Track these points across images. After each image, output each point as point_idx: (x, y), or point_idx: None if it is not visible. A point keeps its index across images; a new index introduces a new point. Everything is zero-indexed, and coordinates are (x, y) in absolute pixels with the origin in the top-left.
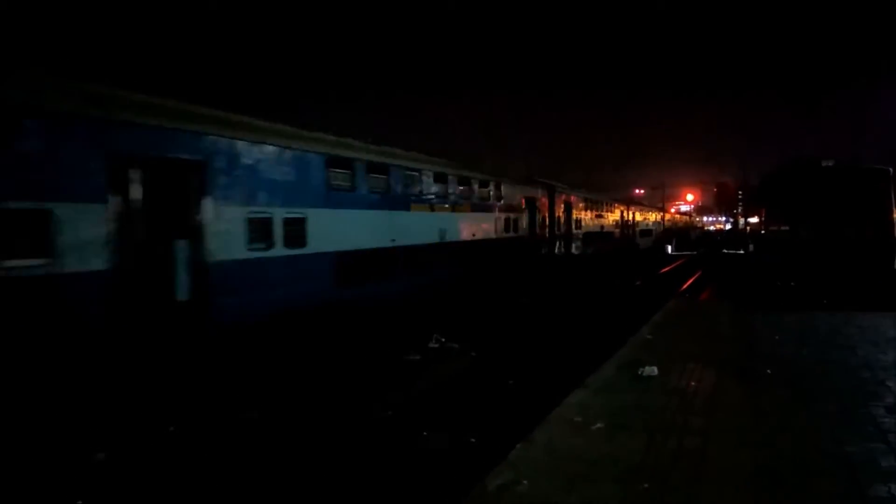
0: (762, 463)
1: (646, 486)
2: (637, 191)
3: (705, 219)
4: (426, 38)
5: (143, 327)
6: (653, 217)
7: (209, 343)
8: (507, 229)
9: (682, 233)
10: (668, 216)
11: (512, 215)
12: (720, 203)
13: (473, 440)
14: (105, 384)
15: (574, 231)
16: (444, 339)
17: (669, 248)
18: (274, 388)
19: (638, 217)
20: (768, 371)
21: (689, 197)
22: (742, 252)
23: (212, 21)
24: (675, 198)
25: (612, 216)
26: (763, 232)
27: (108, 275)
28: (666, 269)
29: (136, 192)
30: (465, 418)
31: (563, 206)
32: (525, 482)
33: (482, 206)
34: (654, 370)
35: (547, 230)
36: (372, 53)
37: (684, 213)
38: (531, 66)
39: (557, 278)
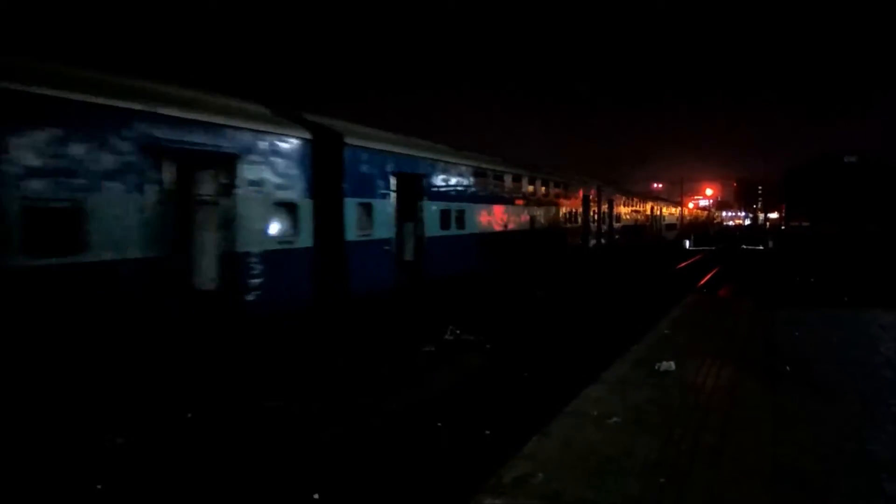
0: (781, 460)
1: (662, 480)
2: (655, 185)
3: (724, 214)
4: (447, 36)
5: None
6: (675, 212)
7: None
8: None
9: (701, 228)
10: (686, 211)
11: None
12: (740, 198)
13: (488, 432)
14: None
15: (615, 225)
16: (459, 332)
17: (688, 244)
18: (294, 375)
19: (665, 212)
20: (787, 368)
21: (709, 192)
22: (762, 248)
23: (217, 17)
24: (694, 192)
25: (644, 211)
26: (783, 227)
27: (393, 241)
28: (684, 264)
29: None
30: (479, 410)
31: (607, 203)
32: (540, 475)
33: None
34: (672, 365)
35: (594, 225)
36: (396, 51)
37: (703, 208)
38: (553, 62)
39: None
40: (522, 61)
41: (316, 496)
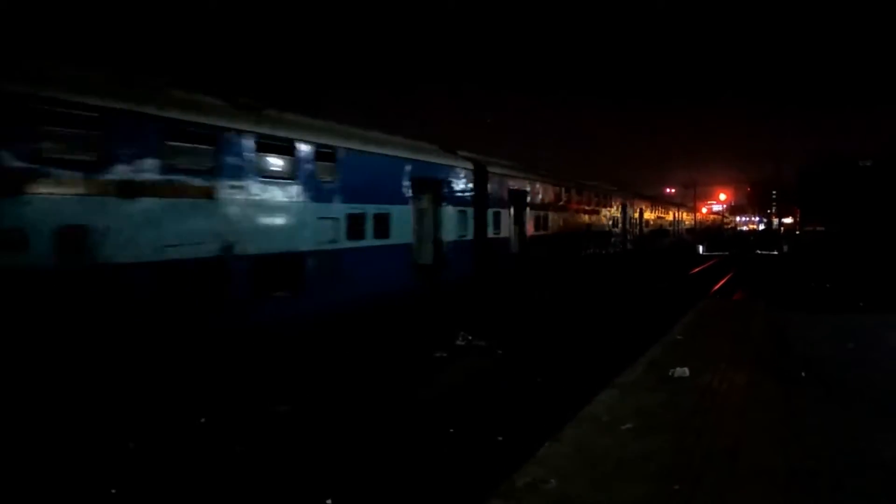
0: (795, 465)
1: (676, 487)
2: (668, 189)
3: (738, 219)
4: (462, 35)
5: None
6: (670, 216)
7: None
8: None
9: (714, 233)
10: (685, 215)
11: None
12: (754, 203)
13: (501, 438)
14: None
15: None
16: (470, 337)
17: (701, 249)
18: (307, 380)
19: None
20: (802, 373)
21: (722, 196)
22: (776, 253)
23: (217, 15)
24: (707, 196)
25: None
26: (798, 232)
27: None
28: (697, 269)
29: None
30: (492, 416)
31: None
32: (553, 480)
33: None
34: (686, 371)
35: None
36: (400, 50)
37: (716, 213)
38: (565, 65)
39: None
40: (532, 63)
41: (329, 501)
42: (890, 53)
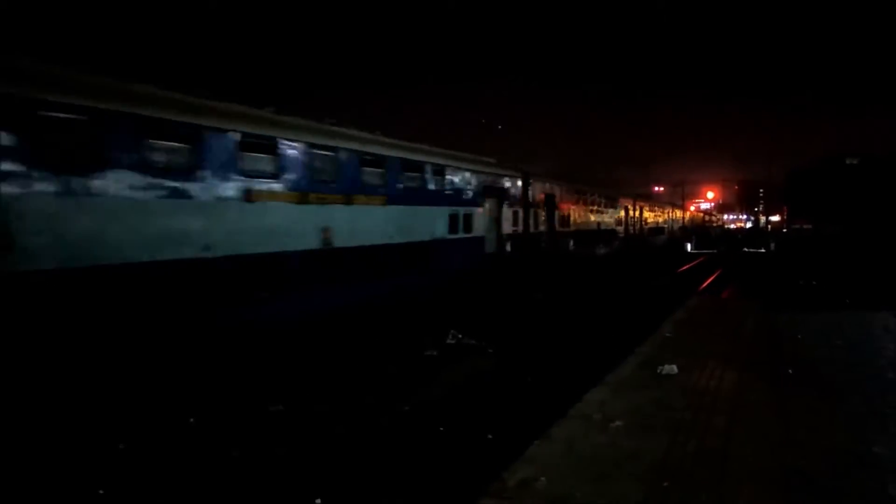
0: (787, 463)
1: (666, 484)
2: (656, 188)
3: (726, 216)
4: (458, 32)
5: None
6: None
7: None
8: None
9: (701, 231)
10: (647, 212)
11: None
12: (742, 201)
13: (490, 436)
14: None
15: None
16: (460, 335)
17: (689, 247)
18: (294, 379)
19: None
20: (790, 371)
21: (710, 195)
22: (763, 251)
23: (216, 13)
24: (695, 195)
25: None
26: (785, 230)
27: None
28: (685, 267)
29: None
30: (481, 414)
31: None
32: (543, 479)
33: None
34: (674, 368)
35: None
36: (394, 45)
37: (704, 211)
38: (555, 62)
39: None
40: (523, 60)
41: (318, 501)
42: (881, 55)
